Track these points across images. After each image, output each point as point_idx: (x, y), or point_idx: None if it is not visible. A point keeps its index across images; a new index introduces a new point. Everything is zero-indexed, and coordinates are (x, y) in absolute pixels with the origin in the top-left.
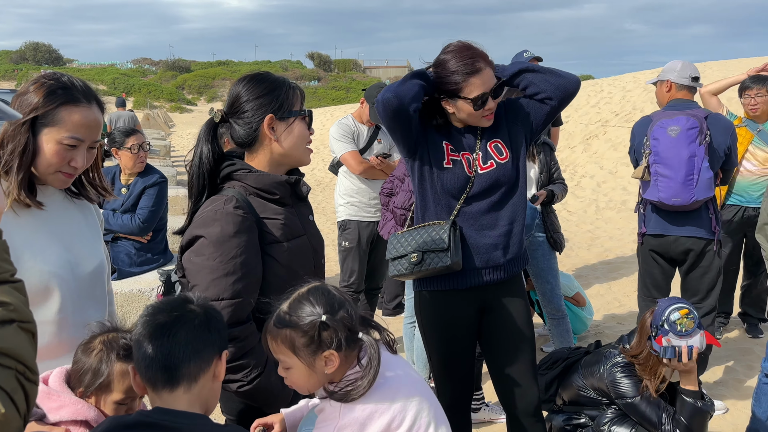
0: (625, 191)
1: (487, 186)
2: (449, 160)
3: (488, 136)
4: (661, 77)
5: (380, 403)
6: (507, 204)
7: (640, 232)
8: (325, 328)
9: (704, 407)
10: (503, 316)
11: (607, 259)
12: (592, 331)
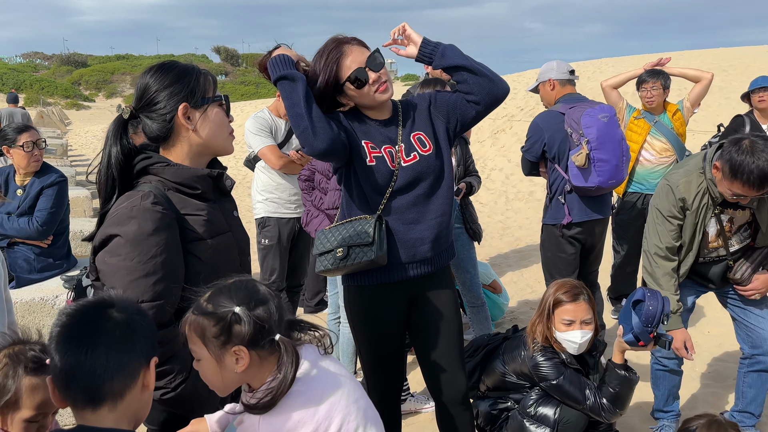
0: (532, 183)
1: (411, 179)
2: (372, 158)
3: (411, 128)
4: (542, 79)
5: (303, 411)
6: (433, 197)
7: (562, 222)
8: (236, 321)
9: (632, 377)
10: (431, 308)
11: (518, 248)
12: (508, 317)
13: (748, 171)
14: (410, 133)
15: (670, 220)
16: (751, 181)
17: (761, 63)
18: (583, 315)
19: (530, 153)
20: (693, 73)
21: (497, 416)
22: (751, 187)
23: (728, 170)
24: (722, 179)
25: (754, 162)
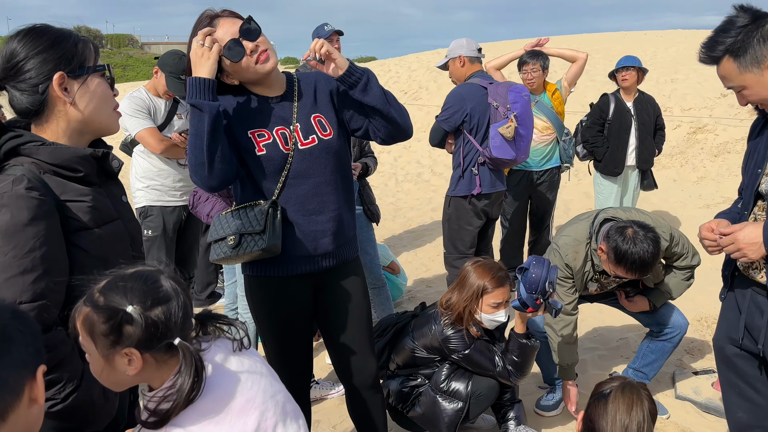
0: (419, 164)
1: (309, 164)
2: (261, 147)
3: (311, 108)
4: (452, 55)
5: (210, 417)
6: (334, 186)
7: (473, 192)
8: (128, 321)
9: (533, 344)
10: (339, 295)
11: (410, 228)
12: (406, 296)
13: (631, 260)
14: (310, 113)
15: (564, 281)
16: (633, 269)
17: (621, 47)
18: (507, 296)
19: (448, 122)
20: (569, 54)
21: (409, 393)
22: (633, 273)
23: (613, 257)
24: (607, 261)
25: (637, 253)
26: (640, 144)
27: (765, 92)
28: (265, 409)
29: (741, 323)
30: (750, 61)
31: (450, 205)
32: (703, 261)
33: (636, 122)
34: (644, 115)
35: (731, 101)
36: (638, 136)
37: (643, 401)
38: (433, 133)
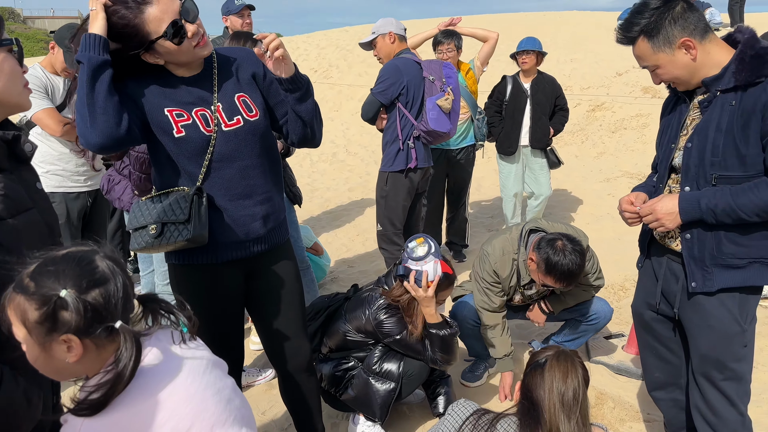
0: (334, 144)
1: (234, 146)
2: (179, 128)
3: (234, 87)
4: (382, 31)
5: (136, 410)
6: (261, 169)
7: (410, 166)
8: (63, 307)
9: (450, 333)
10: (272, 279)
11: (329, 209)
12: (329, 277)
13: (561, 271)
14: (234, 93)
15: (494, 285)
16: (562, 279)
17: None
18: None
19: (385, 95)
20: (481, 33)
21: (341, 377)
22: (561, 283)
23: (543, 267)
24: (536, 270)
25: (566, 264)
26: (534, 124)
27: (676, 71)
28: (204, 408)
29: (657, 289)
30: (662, 42)
31: (387, 182)
32: (605, 232)
33: (531, 103)
34: (540, 95)
35: (626, 80)
36: (532, 116)
37: (577, 368)
38: (368, 107)
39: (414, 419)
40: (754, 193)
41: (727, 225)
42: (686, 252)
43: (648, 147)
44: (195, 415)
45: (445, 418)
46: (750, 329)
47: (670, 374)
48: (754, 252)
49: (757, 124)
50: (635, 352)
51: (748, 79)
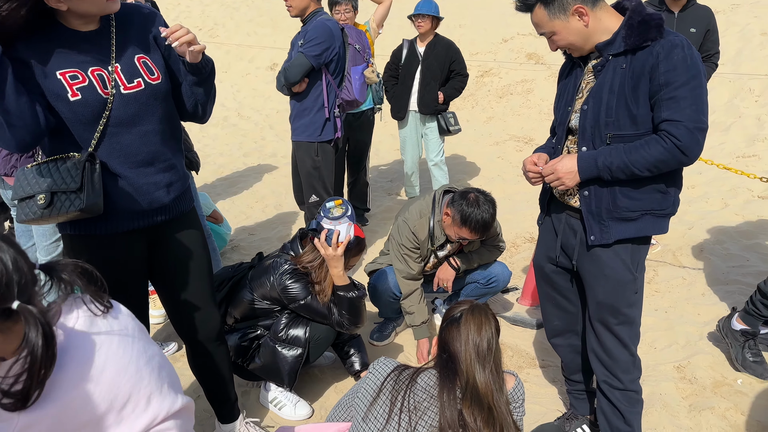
0: (224, 107)
1: (134, 111)
2: (75, 91)
3: (135, 48)
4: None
5: (72, 392)
6: (163, 135)
7: (337, 136)
8: None
9: (357, 295)
10: (178, 248)
11: (223, 176)
12: (229, 246)
13: (475, 221)
14: (134, 54)
15: (414, 251)
16: (477, 229)
17: None
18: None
19: (318, 59)
20: None
21: (248, 347)
22: (476, 233)
23: (459, 219)
24: (452, 224)
25: (480, 214)
26: (422, 89)
27: (571, 37)
28: (140, 378)
29: (557, 243)
30: (558, 9)
31: (318, 152)
32: (495, 193)
33: (421, 67)
34: (432, 60)
35: (512, 46)
36: (420, 81)
37: (490, 320)
38: (298, 69)
39: (326, 381)
40: (645, 149)
41: (621, 181)
42: (585, 208)
43: (532, 111)
44: (132, 385)
45: (367, 376)
46: (640, 277)
47: (568, 322)
48: (646, 205)
49: (646, 85)
50: (529, 303)
51: (637, 43)
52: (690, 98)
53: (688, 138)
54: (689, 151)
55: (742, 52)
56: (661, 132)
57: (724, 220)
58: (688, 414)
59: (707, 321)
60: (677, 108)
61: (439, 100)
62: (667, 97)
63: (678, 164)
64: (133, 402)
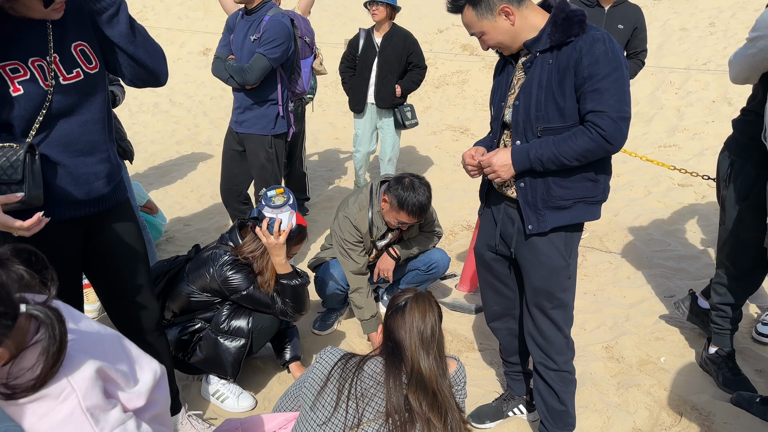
0: (155, 93)
1: (74, 101)
2: (16, 86)
3: (72, 35)
4: None
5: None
6: (102, 125)
7: (287, 130)
8: None
9: (300, 283)
10: (114, 237)
11: (156, 164)
12: (164, 237)
13: (412, 203)
14: (71, 41)
15: (357, 245)
16: (414, 211)
17: None
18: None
19: (278, 60)
20: None
21: (188, 340)
22: (414, 216)
23: (396, 203)
24: (390, 210)
25: (416, 197)
26: (379, 82)
27: (500, 36)
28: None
29: (497, 232)
30: (485, 9)
31: (273, 145)
32: (433, 182)
33: (378, 59)
34: (389, 52)
35: (447, 37)
36: (378, 73)
37: (434, 307)
38: (259, 72)
39: (268, 372)
40: (572, 140)
41: (553, 171)
42: (521, 198)
43: (467, 102)
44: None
45: (314, 366)
46: (573, 263)
47: (506, 306)
48: (578, 193)
49: (571, 79)
50: (467, 289)
51: (561, 39)
52: (613, 89)
53: (612, 127)
54: (614, 140)
55: (663, 47)
56: (587, 123)
57: (647, 207)
58: (617, 391)
59: (632, 303)
60: (601, 99)
61: (396, 94)
62: (591, 89)
63: (605, 153)
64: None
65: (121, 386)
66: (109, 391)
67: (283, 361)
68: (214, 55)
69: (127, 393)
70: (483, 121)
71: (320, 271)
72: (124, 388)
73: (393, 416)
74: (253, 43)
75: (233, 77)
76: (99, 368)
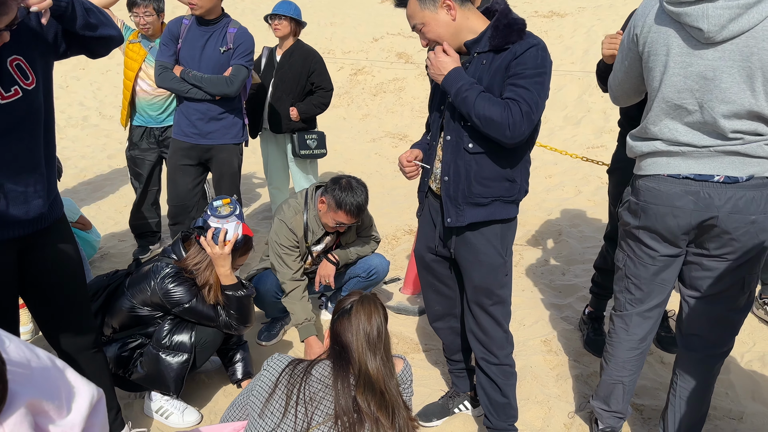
0: (83, 106)
1: (14, 120)
2: None
3: (7, 51)
4: None
5: None
6: (42, 140)
7: (244, 139)
8: None
9: (246, 294)
10: (50, 257)
11: (86, 180)
12: (98, 254)
13: (350, 203)
14: (7, 56)
15: (293, 250)
16: (352, 211)
17: None
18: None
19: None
20: None
21: (129, 357)
22: (352, 216)
23: (334, 204)
24: (327, 211)
25: (353, 197)
26: (272, 103)
27: (439, 29)
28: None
29: (436, 234)
30: (428, 0)
31: (235, 154)
32: (374, 189)
33: (274, 78)
34: (286, 70)
35: (382, 45)
36: (272, 93)
37: (379, 309)
38: (241, 83)
39: (213, 386)
40: (490, 103)
41: (476, 169)
42: (444, 192)
43: (405, 109)
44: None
45: (261, 374)
46: (509, 260)
47: (447, 306)
48: (496, 192)
49: (501, 79)
50: (410, 292)
51: (499, 44)
52: (531, 89)
53: (520, 118)
54: (513, 129)
55: (589, 52)
56: (506, 100)
57: (579, 206)
58: (556, 383)
59: (568, 297)
60: (517, 93)
61: (292, 117)
62: (512, 83)
63: (499, 136)
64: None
65: (52, 419)
66: (40, 426)
67: (235, 379)
68: (158, 65)
69: (60, 426)
70: (421, 128)
71: (255, 281)
72: (55, 420)
73: (342, 418)
74: (223, 54)
75: (202, 88)
76: (29, 402)
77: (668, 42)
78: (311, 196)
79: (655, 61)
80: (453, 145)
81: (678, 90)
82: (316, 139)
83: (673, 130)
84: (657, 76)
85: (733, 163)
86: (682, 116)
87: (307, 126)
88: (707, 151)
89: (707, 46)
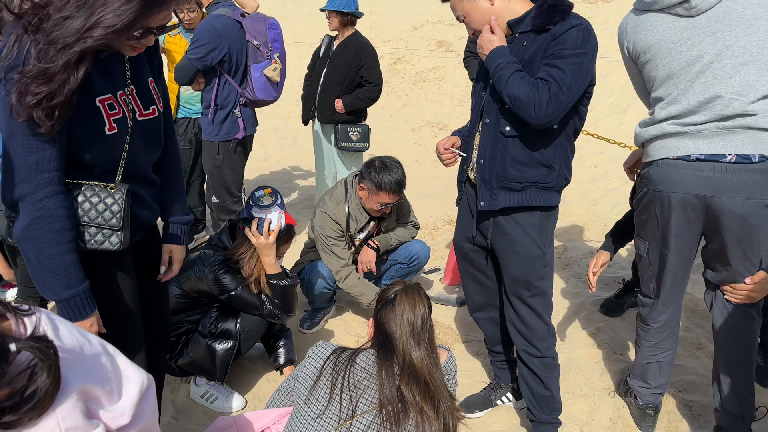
0: None
1: (146, 139)
2: (112, 124)
3: (146, 70)
4: None
5: None
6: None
7: (237, 137)
8: None
9: (289, 283)
10: (156, 257)
11: None
12: None
13: (389, 181)
14: (147, 75)
15: (340, 239)
16: (393, 189)
17: None
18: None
19: (203, 61)
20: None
21: (176, 342)
22: (393, 194)
23: (373, 186)
24: (369, 196)
25: (391, 175)
26: (321, 94)
27: (481, 18)
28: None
29: (474, 224)
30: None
31: (219, 151)
32: (414, 179)
33: (326, 69)
34: (338, 62)
35: (422, 34)
36: (322, 83)
37: (423, 299)
38: (182, 71)
39: (256, 372)
40: (521, 81)
41: (511, 154)
42: (479, 175)
43: (444, 98)
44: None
45: (306, 361)
46: (549, 251)
47: (487, 297)
48: (531, 177)
49: (541, 59)
50: (450, 282)
51: (542, 24)
52: (565, 69)
53: (547, 98)
54: (539, 110)
55: None
56: (537, 80)
57: (625, 196)
58: (601, 376)
59: (612, 289)
60: (549, 72)
61: (337, 109)
62: (547, 62)
63: (526, 116)
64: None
65: (103, 405)
66: (91, 411)
67: (278, 365)
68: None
69: (110, 412)
70: (461, 117)
71: (305, 273)
72: (106, 406)
73: (386, 407)
74: None
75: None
76: (81, 388)
77: (656, 31)
78: (351, 185)
79: (652, 52)
80: (491, 128)
81: (682, 66)
82: (360, 132)
83: (681, 109)
84: (658, 64)
85: (744, 140)
86: (689, 95)
87: (354, 119)
88: (716, 129)
89: (695, 17)
